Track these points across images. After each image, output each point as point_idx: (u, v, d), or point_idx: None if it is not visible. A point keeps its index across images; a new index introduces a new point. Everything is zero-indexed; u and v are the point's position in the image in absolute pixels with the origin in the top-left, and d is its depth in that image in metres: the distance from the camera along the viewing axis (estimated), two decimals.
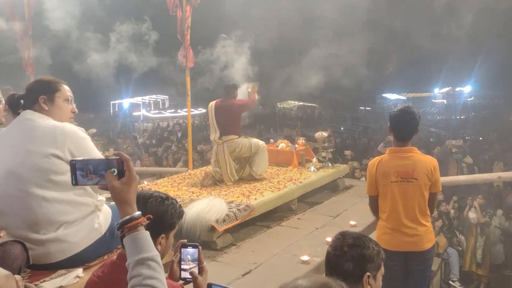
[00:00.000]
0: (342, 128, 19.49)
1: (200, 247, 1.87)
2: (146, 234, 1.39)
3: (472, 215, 6.85)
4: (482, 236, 6.87)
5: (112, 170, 1.40)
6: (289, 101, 26.92)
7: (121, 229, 1.39)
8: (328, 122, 21.08)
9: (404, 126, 3.21)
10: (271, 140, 7.82)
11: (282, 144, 7.00)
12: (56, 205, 2.29)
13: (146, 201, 1.79)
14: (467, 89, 26.95)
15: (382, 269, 1.90)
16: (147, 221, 1.42)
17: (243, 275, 3.74)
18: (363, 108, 27.05)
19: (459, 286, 6.78)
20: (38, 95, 2.44)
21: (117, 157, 1.41)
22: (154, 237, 1.79)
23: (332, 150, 7.02)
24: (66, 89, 2.54)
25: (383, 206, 3.28)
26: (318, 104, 27.03)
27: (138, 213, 1.40)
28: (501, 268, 7.22)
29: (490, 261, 7.00)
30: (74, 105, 2.60)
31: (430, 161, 3.19)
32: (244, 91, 6.08)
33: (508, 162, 9.17)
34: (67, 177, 2.30)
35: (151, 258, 1.34)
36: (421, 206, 3.17)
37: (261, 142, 6.06)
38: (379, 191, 3.26)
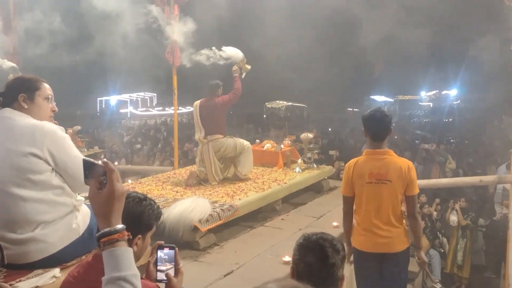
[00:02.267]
0: (329, 129, 19.60)
1: (176, 248, 1.86)
2: (123, 251, 1.28)
3: (453, 217, 6.94)
4: (463, 239, 6.95)
5: (102, 177, 1.30)
6: (278, 101, 26.91)
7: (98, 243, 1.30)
8: (316, 123, 21.16)
9: (378, 125, 3.23)
10: (257, 140, 7.83)
11: (268, 145, 7.01)
12: (34, 204, 2.27)
13: None
14: (453, 92, 27.27)
15: None
16: (125, 237, 1.31)
17: (225, 276, 3.74)
18: (351, 109, 27.23)
19: (440, 287, 6.86)
20: (17, 93, 2.41)
21: (102, 164, 1.32)
22: (131, 237, 1.79)
23: (317, 151, 7.06)
24: (46, 87, 2.52)
25: (358, 207, 3.31)
26: (306, 105, 27.09)
27: (118, 227, 1.28)
28: (482, 270, 7.33)
29: (471, 263, 7.09)
30: (54, 104, 2.58)
31: (404, 163, 3.21)
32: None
33: (492, 165, 9.28)
34: (45, 176, 2.30)
35: (123, 278, 1.24)
36: (394, 208, 3.19)
37: (246, 142, 6.07)
38: (355, 192, 3.29)
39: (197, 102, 6.00)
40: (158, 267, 1.84)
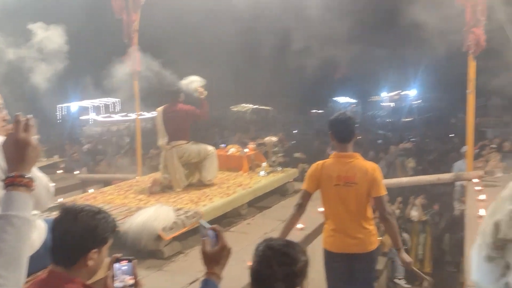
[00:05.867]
0: (295, 131, 19.75)
1: (135, 260, 1.82)
2: (19, 195, 1.30)
3: (413, 213, 7.15)
4: (423, 234, 7.16)
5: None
6: (243, 104, 26.99)
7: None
8: (282, 125, 21.30)
9: (343, 127, 3.31)
10: (222, 145, 7.80)
11: (232, 149, 7.00)
12: None
13: (76, 215, 1.73)
14: (412, 92, 28.14)
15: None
16: (27, 184, 1.32)
17: (190, 284, 3.70)
18: (315, 111, 27.59)
19: (404, 284, 7.04)
20: None
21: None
22: (86, 252, 1.74)
23: (281, 154, 7.10)
24: None
25: (326, 209, 3.36)
26: (272, 107, 27.27)
27: (21, 173, 1.32)
28: (445, 265, 7.55)
29: (433, 257, 7.30)
30: (6, 112, 2.46)
31: (370, 166, 3.29)
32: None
33: (450, 162, 9.60)
34: None
35: (2, 216, 1.25)
36: (362, 210, 3.26)
37: (210, 147, 6.04)
38: (322, 193, 3.34)
39: (161, 108, 5.93)
40: (117, 281, 1.79)
